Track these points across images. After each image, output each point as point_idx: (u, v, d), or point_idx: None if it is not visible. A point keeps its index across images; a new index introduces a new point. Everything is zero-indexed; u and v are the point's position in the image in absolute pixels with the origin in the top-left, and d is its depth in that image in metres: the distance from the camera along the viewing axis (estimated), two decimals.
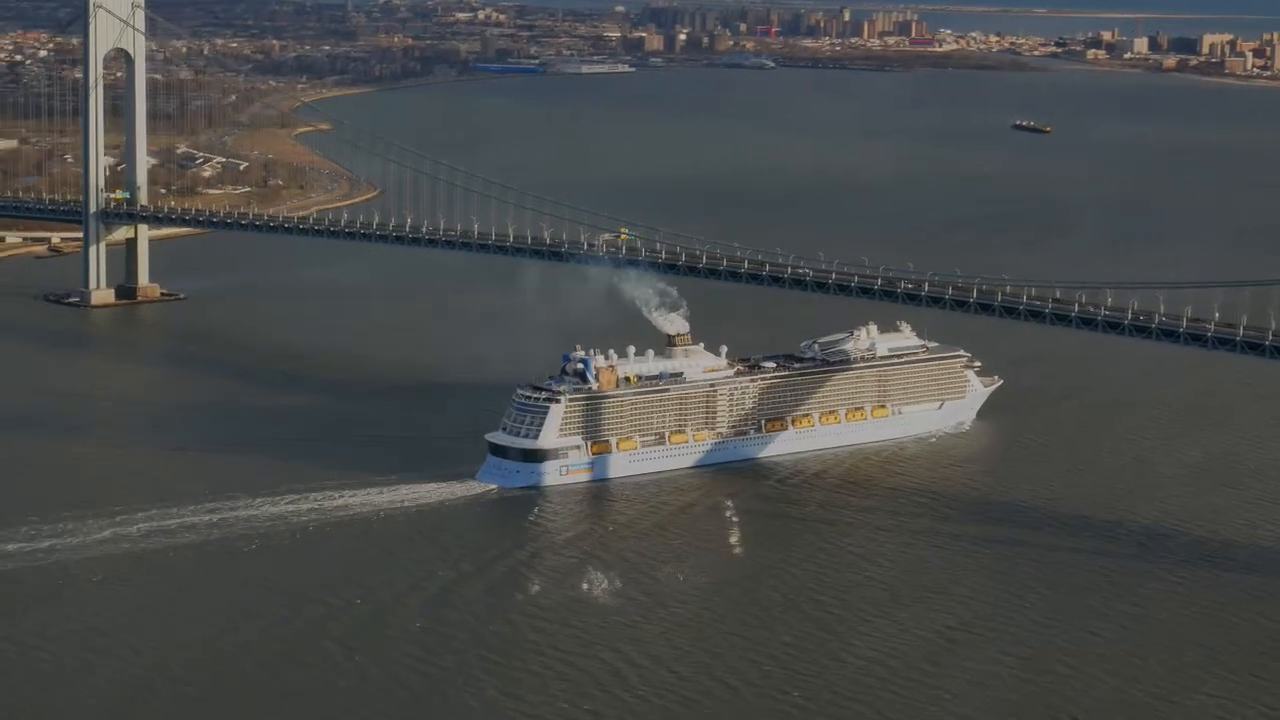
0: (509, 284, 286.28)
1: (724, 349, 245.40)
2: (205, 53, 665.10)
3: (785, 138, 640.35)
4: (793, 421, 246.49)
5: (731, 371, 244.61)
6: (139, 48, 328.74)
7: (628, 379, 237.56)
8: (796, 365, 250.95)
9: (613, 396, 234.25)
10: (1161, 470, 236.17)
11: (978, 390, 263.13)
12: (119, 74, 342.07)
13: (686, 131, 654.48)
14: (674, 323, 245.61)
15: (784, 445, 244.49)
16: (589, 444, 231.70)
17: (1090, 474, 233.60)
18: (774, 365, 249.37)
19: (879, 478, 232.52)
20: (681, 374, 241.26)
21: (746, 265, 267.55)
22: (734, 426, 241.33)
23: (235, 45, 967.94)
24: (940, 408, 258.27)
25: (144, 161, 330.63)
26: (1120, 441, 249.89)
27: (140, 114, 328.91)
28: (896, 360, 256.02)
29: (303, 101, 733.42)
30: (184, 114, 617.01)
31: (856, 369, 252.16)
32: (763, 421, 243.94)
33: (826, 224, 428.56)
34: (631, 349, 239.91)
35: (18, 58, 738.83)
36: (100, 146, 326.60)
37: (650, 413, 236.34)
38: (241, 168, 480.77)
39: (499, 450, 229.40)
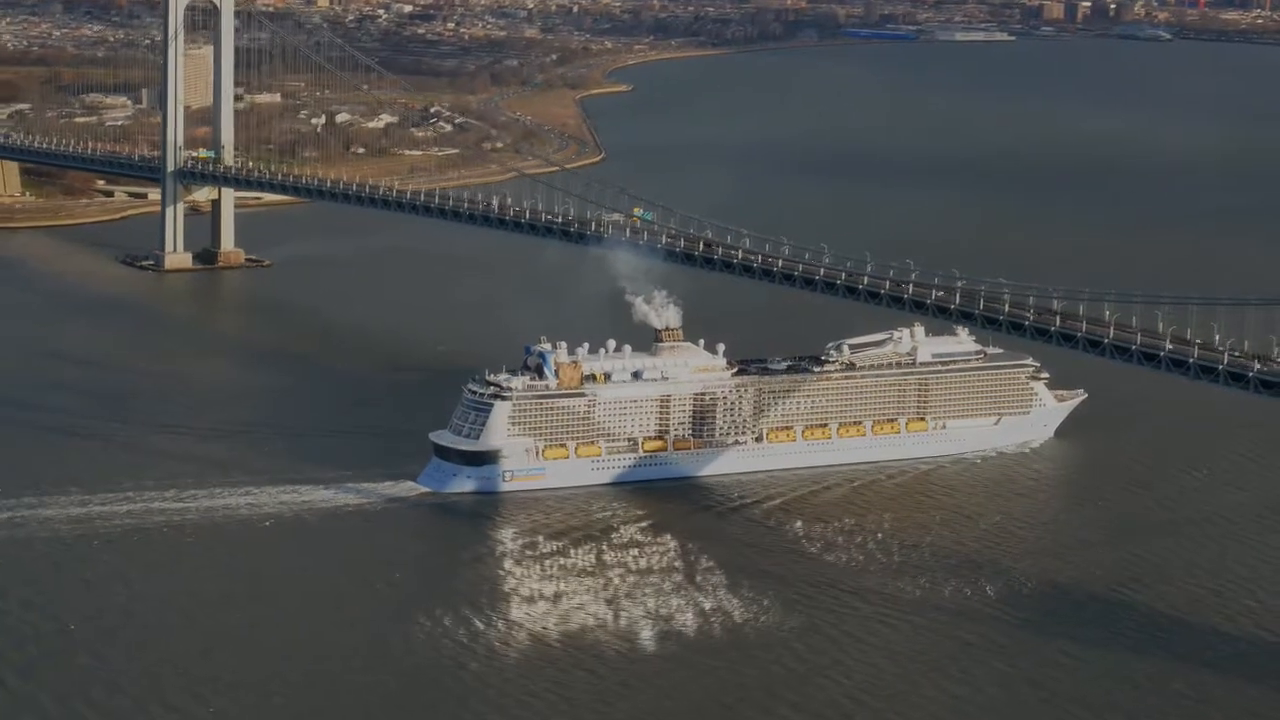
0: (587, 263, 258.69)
1: (721, 347, 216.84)
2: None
3: (1113, 112, 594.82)
4: (803, 432, 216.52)
5: (728, 373, 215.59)
6: (226, 1, 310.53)
7: (594, 376, 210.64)
8: (816, 369, 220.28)
9: (571, 395, 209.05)
10: (1183, 512, 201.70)
11: (1049, 405, 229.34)
12: (427, 29, 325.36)
13: (1004, 104, 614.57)
14: (663, 316, 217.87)
15: (787, 458, 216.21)
16: (541, 447, 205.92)
17: (1102, 512, 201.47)
18: (787, 368, 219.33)
19: (859, 505, 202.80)
20: (664, 373, 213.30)
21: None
22: (726, 435, 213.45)
23: (618, 4, 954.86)
24: (997, 423, 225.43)
25: (230, 119, 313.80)
26: (1175, 472, 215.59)
27: (227, 70, 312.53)
28: (940, 367, 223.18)
29: (627, 63, 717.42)
30: (467, 72, 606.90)
31: (887, 375, 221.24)
32: (764, 431, 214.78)
33: (1074, 209, 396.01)
34: (611, 343, 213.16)
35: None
36: (180, 101, 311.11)
37: (618, 415, 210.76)
38: (470, 128, 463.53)
39: (441, 451, 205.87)
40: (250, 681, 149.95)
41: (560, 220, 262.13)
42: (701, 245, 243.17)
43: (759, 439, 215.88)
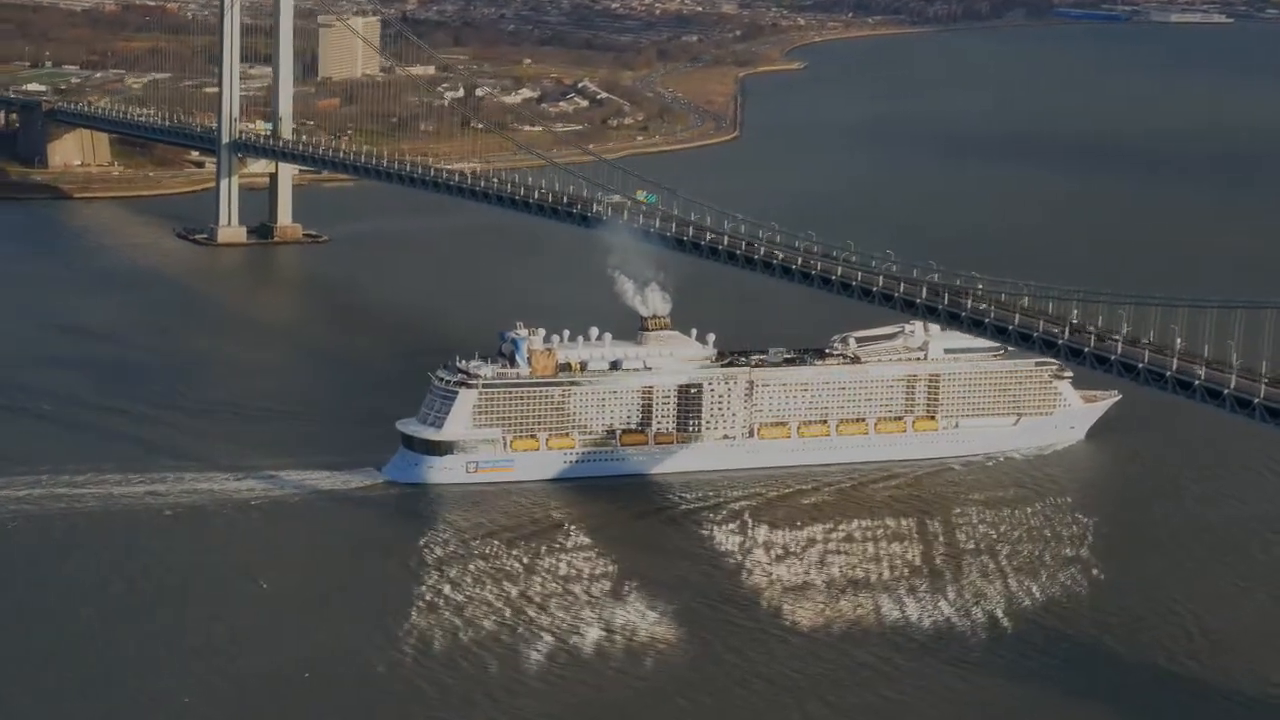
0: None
1: (711, 337, 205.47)
2: None
3: None
4: (799, 429, 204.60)
5: (716, 365, 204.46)
6: None
7: (569, 365, 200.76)
8: (816, 363, 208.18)
9: (542, 384, 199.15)
10: (1180, 525, 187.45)
11: (1075, 406, 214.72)
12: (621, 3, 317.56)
13: (1206, 88, 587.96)
14: (650, 303, 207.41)
15: (780, 456, 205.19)
16: (509, 438, 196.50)
17: (1095, 524, 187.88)
18: (784, 361, 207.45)
19: (834, 510, 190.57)
20: (645, 363, 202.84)
21: (780, 259, 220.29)
22: (712, 429, 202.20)
23: None
24: (1016, 424, 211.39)
25: (289, 93, 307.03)
26: (1189, 481, 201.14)
27: (286, 44, 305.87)
28: (953, 363, 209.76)
29: (813, 41, 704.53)
30: (636, 48, 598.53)
31: (892, 369, 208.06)
32: (755, 426, 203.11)
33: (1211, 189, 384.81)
34: (594, 330, 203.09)
35: None
36: (236, 72, 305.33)
37: (594, 406, 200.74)
38: (608, 103, 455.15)
39: (408, 440, 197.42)
40: (45, 684, 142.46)
41: (565, 201, 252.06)
42: (703, 236, 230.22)
43: (750, 434, 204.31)
